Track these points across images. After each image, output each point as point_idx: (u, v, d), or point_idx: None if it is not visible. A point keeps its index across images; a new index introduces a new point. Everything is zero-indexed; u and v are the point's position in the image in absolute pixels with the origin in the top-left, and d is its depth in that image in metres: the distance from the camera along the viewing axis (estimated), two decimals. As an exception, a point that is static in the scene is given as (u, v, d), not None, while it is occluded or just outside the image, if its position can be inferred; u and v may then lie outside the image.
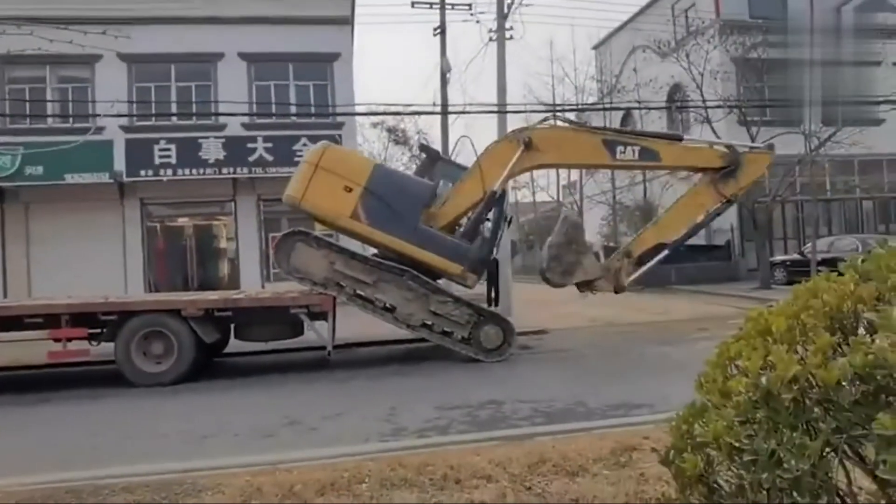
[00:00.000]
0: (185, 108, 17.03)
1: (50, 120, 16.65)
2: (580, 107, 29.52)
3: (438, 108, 18.08)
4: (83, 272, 15.20)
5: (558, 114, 11.13)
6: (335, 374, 9.20)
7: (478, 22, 18.20)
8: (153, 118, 16.91)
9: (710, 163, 10.80)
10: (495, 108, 15.09)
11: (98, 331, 8.96)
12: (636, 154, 10.27)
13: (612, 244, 30.64)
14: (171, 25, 16.43)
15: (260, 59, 17.39)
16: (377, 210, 9.35)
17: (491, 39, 17.02)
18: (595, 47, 33.19)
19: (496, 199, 9.93)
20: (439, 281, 10.00)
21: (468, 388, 7.78)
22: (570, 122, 12.14)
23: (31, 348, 9.84)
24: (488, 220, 10.21)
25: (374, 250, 10.63)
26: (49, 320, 8.78)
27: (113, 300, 9.34)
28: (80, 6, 15.03)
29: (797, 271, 18.36)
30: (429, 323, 9.54)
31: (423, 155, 11.90)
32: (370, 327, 12.12)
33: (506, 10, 16.69)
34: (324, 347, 9.56)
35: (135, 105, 16.60)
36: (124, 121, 15.89)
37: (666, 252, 10.73)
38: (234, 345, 10.38)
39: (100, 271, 15.65)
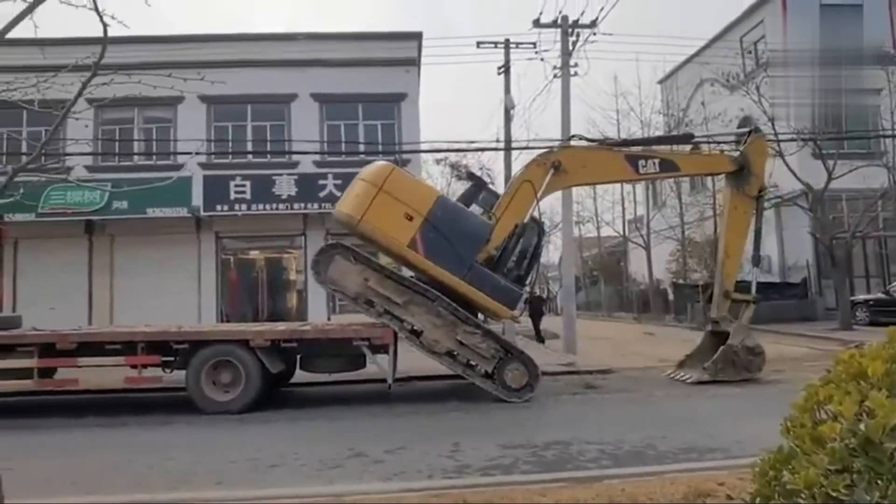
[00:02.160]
0: (259, 147, 17.87)
1: (136, 157, 17.79)
2: (650, 138, 29.06)
3: (502, 144, 18.25)
4: (161, 301, 15.96)
5: (580, 134, 11.38)
6: (396, 407, 9.22)
7: (542, 60, 18.26)
8: (230, 156, 17.77)
9: (723, 167, 11.57)
10: (559, 144, 15.08)
11: (171, 359, 9.30)
12: (657, 167, 10.76)
13: (680, 281, 29.75)
14: (249, 68, 17.37)
15: (331, 99, 18.11)
16: (435, 242, 9.33)
17: (555, 76, 17.16)
18: (661, 81, 32.81)
19: (528, 229, 9.95)
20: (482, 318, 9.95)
21: (532, 426, 7.63)
22: (591, 140, 12.24)
23: (110, 373, 10.32)
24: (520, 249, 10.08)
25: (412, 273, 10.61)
26: (127, 347, 9.20)
27: (185, 329, 9.73)
28: (167, 52, 16.12)
29: (882, 311, 17.24)
30: (454, 352, 9.41)
31: (470, 182, 11.91)
32: (429, 361, 12.14)
33: (570, 48, 16.84)
34: (384, 380, 9.61)
35: (213, 143, 17.52)
36: (203, 158, 16.77)
37: (758, 270, 11.43)
38: (298, 375, 10.59)
39: (176, 301, 16.38)
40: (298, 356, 9.83)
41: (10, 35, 3.32)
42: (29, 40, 3.96)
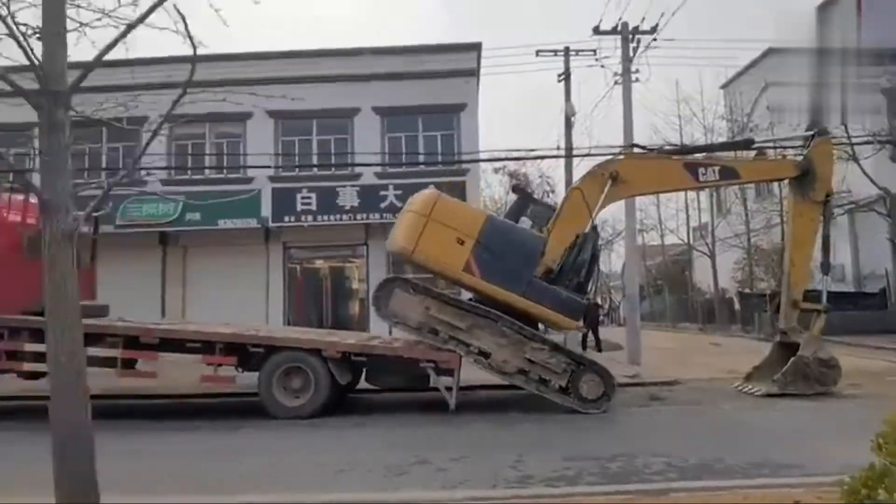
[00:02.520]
0: (324, 160, 18.40)
1: (207, 171, 18.62)
2: (710, 145, 28.19)
3: (562, 152, 18.13)
4: (231, 309, 16.55)
5: (638, 143, 11.11)
6: (459, 416, 9.26)
7: (602, 66, 18.05)
8: (296, 169, 18.35)
9: (786, 173, 11.20)
10: (621, 150, 14.88)
11: (246, 361, 9.59)
12: (717, 174, 10.56)
13: (747, 290, 28.62)
14: (314, 84, 17.89)
15: (392, 112, 18.44)
16: (490, 263, 9.36)
17: (616, 83, 16.94)
18: (723, 86, 31.78)
19: (588, 238, 9.80)
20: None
21: (596, 438, 7.55)
22: (650, 149, 12.01)
23: (184, 372, 10.76)
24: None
25: (470, 295, 10.64)
26: (206, 346, 9.59)
27: (261, 334, 10.09)
28: (237, 70, 16.84)
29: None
30: (525, 370, 9.35)
31: (516, 196, 11.81)
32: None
33: (631, 54, 16.59)
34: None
35: (280, 157, 18.16)
36: (271, 171, 17.40)
37: (828, 279, 11.07)
38: (364, 383, 10.79)
39: (245, 308, 16.95)
40: (365, 369, 10.01)
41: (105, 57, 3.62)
42: (120, 62, 4.26)
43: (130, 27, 3.47)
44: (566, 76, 19.13)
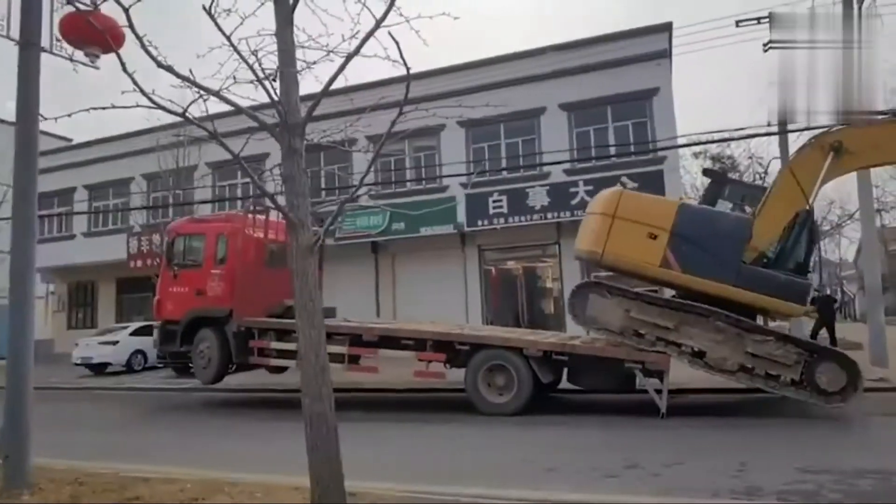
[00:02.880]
0: (513, 162, 18.70)
1: (408, 184, 19.97)
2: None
3: (774, 129, 16.33)
4: (435, 308, 17.53)
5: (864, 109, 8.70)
6: (669, 419, 8.74)
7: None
8: (487, 174, 18.92)
9: None
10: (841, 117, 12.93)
11: (454, 357, 10.06)
12: None
13: None
14: (500, 89, 18.29)
15: (579, 107, 18.15)
16: (690, 254, 8.70)
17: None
18: None
19: (807, 218, 8.65)
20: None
21: (836, 449, 6.68)
22: (886, 113, 9.77)
23: (399, 369, 11.64)
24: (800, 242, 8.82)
25: (672, 292, 9.90)
26: (418, 344, 10.27)
27: (467, 332, 10.57)
28: (430, 86, 17.81)
29: None
30: (748, 366, 8.51)
31: (709, 181, 10.62)
32: (700, 372, 11.34)
33: (856, 6, 14.40)
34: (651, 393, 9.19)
35: (472, 164, 18.85)
36: (464, 178, 18.15)
37: None
38: (566, 382, 10.74)
39: (447, 308, 17.88)
40: (566, 368, 9.94)
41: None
42: (339, 90, 4.77)
43: (349, 58, 3.88)
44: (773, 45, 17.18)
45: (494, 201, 17.89)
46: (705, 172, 12.11)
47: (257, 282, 11.20)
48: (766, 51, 17.67)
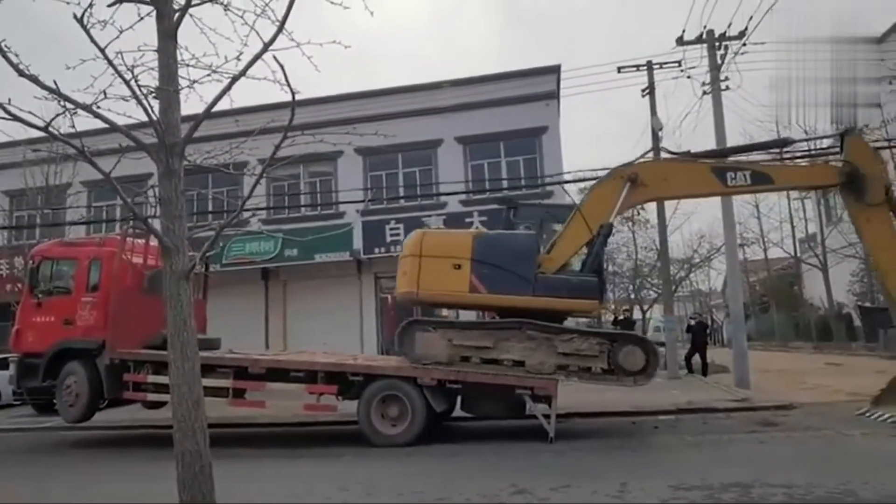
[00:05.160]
0: (410, 191, 18.89)
1: (303, 209, 19.58)
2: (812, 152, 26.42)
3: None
4: (328, 338, 17.17)
5: (662, 146, 10.45)
6: (556, 444, 9.00)
7: (689, 77, 17.50)
8: (385, 202, 18.94)
9: (828, 180, 10.60)
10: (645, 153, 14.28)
11: (346, 389, 9.86)
12: (748, 179, 10.12)
13: (867, 304, 26.32)
14: (397, 119, 18.50)
15: (474, 140, 18.76)
16: (492, 275, 9.42)
17: (705, 93, 16.34)
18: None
19: (608, 232, 9.81)
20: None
21: (705, 466, 7.14)
22: (674, 153, 11.48)
23: (288, 401, 11.20)
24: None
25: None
26: (308, 376, 9.93)
27: (360, 362, 10.36)
28: (327, 112, 17.71)
29: None
30: (563, 365, 9.29)
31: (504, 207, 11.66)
32: (589, 397, 11.83)
33: (719, 62, 16.00)
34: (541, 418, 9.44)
35: (369, 192, 18.83)
36: (361, 206, 18.07)
37: None
38: (459, 410, 10.80)
39: (341, 337, 17.55)
40: (460, 397, 10.00)
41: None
42: (225, 112, 4.62)
43: (234, 79, 3.77)
44: (650, 90, 18.72)
45: (391, 229, 17.93)
46: (498, 201, 13.31)
47: (134, 310, 10.41)
48: (643, 96, 19.19)
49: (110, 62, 3.73)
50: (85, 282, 10.82)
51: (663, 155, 10.73)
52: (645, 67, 18.74)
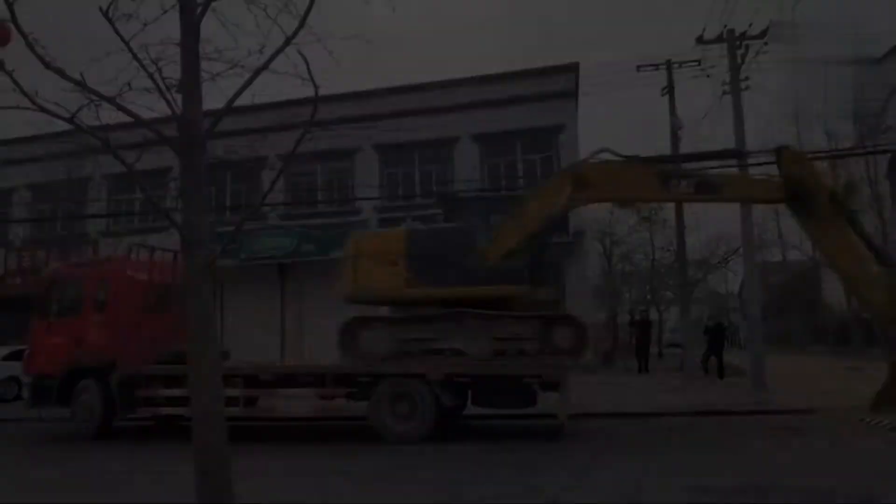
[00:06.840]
0: (426, 188, 18.89)
1: (319, 205, 19.67)
2: (835, 153, 26.01)
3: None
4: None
5: (610, 148, 10.34)
6: (570, 444, 9.00)
7: (708, 76, 17.31)
8: (400, 199, 18.97)
9: (773, 195, 10.72)
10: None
11: (356, 390, 9.87)
12: (692, 187, 10.33)
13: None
14: (415, 117, 18.53)
15: (490, 139, 18.70)
16: (426, 269, 9.56)
17: (725, 93, 16.14)
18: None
19: (549, 226, 10.07)
20: None
21: (721, 469, 7.07)
22: (622, 156, 11.38)
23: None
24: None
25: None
26: (318, 380, 10.03)
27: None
28: (346, 109, 17.75)
29: None
30: (502, 350, 9.42)
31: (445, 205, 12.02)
32: (605, 396, 11.76)
33: (739, 62, 15.79)
34: (556, 415, 9.40)
35: (385, 189, 18.88)
36: (378, 202, 18.12)
37: None
38: (472, 407, 10.77)
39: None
40: (470, 391, 9.98)
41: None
42: (247, 107, 4.64)
43: (257, 72, 3.78)
44: (670, 90, 18.54)
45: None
46: (440, 198, 13.55)
47: (142, 328, 10.48)
48: (662, 95, 19.02)
49: (135, 55, 3.76)
50: (93, 302, 10.99)
51: (605, 156, 10.58)
52: (664, 66, 18.56)
